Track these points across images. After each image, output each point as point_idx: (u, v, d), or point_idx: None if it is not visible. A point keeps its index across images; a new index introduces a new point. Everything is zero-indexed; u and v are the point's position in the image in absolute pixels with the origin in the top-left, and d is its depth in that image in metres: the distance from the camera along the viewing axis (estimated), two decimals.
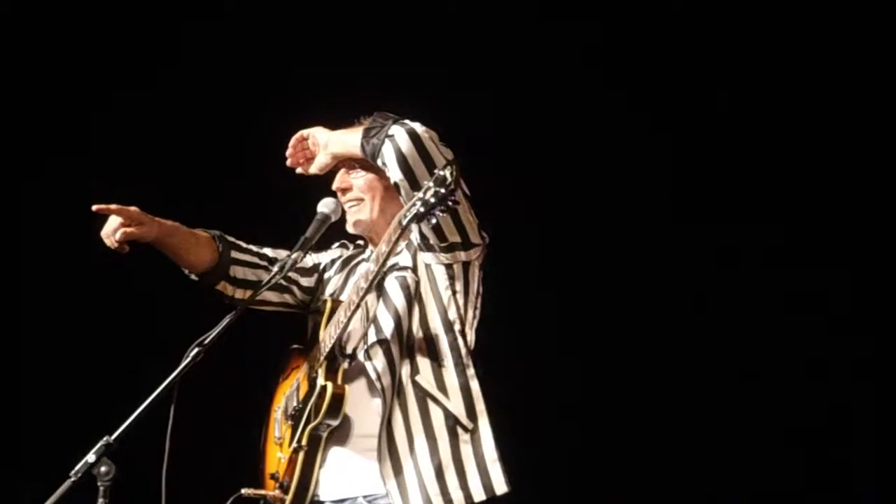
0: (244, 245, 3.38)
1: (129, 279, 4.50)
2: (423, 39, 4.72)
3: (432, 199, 2.86)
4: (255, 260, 3.36)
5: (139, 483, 2.93)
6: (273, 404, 3.32)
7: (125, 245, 3.17)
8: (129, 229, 3.15)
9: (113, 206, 3.16)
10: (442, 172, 2.88)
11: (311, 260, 3.39)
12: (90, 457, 2.77)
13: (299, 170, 3.36)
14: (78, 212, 3.22)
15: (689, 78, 4.71)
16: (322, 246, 3.38)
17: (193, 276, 3.34)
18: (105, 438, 2.80)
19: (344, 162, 3.29)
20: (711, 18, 4.67)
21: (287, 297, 3.38)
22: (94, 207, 3.16)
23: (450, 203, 2.86)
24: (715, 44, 4.68)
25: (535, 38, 4.75)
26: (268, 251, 3.40)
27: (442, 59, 4.69)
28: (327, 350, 3.11)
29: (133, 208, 3.18)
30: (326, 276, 3.41)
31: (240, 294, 3.33)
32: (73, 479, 2.76)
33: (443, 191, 2.85)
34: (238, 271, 3.34)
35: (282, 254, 3.39)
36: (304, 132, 3.34)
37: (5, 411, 4.75)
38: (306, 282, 3.39)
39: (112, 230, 3.17)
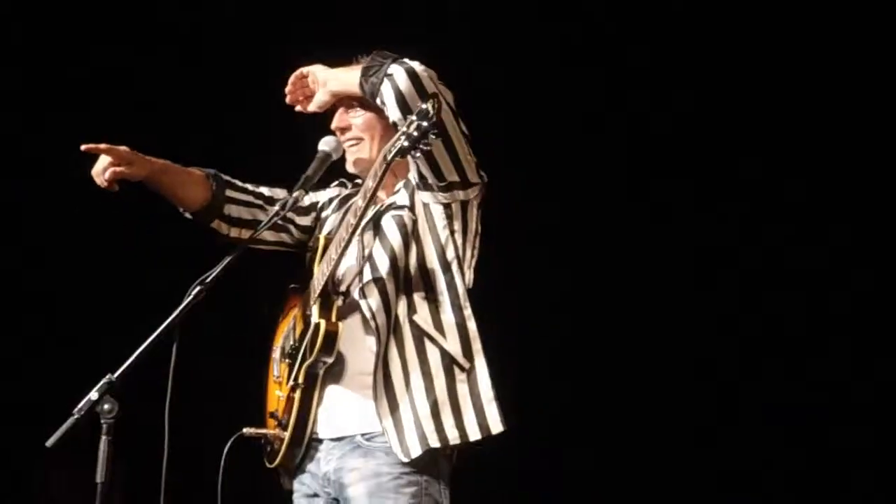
0: (240, 184, 3.39)
1: (126, 221, 4.53)
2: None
3: (415, 133, 2.86)
4: (251, 199, 3.38)
5: (142, 421, 2.96)
6: (273, 344, 3.35)
7: (115, 184, 3.18)
8: (118, 168, 3.17)
9: (102, 146, 3.17)
10: (424, 105, 2.87)
11: (308, 199, 3.40)
12: (93, 394, 2.82)
13: (298, 107, 3.36)
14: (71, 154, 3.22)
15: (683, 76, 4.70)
16: (320, 185, 3.38)
17: (187, 215, 3.36)
18: (107, 376, 2.83)
19: (343, 100, 3.28)
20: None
21: (284, 237, 3.40)
22: (83, 147, 3.16)
23: (432, 136, 2.86)
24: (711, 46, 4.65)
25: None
26: (264, 190, 3.41)
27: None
28: (320, 287, 3.12)
29: (122, 147, 3.19)
30: (324, 214, 3.42)
31: (235, 233, 3.35)
32: (76, 416, 2.80)
33: (425, 124, 2.85)
34: (233, 210, 3.35)
35: (278, 192, 3.40)
36: (304, 69, 3.33)
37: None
38: (303, 221, 3.40)
39: (102, 169, 3.18)
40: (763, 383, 4.72)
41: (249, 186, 3.40)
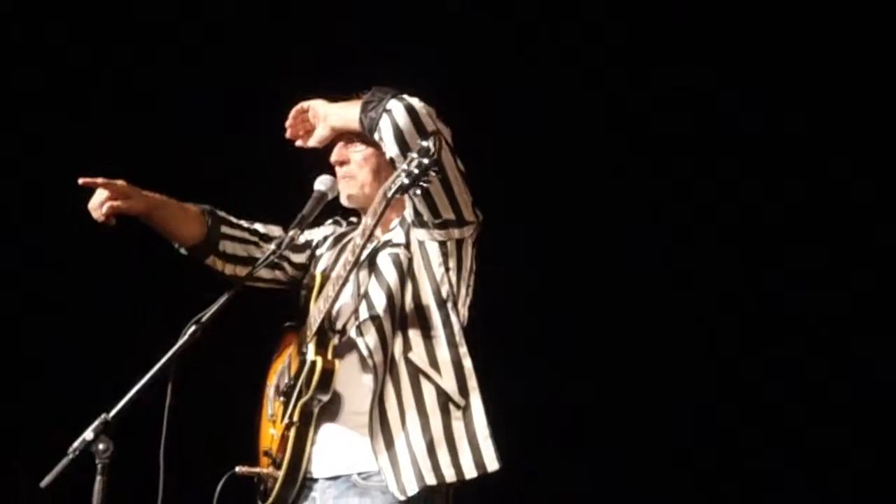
0: (234, 220, 3.39)
1: (124, 256, 4.53)
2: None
3: (416, 170, 2.88)
4: (246, 235, 3.37)
5: (137, 460, 2.95)
6: (266, 381, 3.34)
7: (112, 218, 3.18)
8: (115, 203, 3.16)
9: (99, 180, 3.17)
10: (425, 143, 2.88)
11: (303, 237, 3.40)
12: (88, 434, 2.80)
13: (298, 142, 3.37)
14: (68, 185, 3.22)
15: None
16: (315, 223, 3.38)
17: (183, 251, 3.35)
18: (102, 416, 2.82)
19: (343, 135, 3.28)
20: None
21: (278, 274, 3.39)
22: (81, 181, 3.17)
23: (433, 174, 2.86)
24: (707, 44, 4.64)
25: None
26: (259, 227, 3.41)
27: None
28: (317, 325, 3.12)
29: (120, 182, 3.19)
30: (318, 252, 3.42)
31: (230, 269, 3.35)
32: (71, 455, 2.79)
33: (426, 161, 2.87)
34: (228, 246, 3.35)
35: (273, 229, 3.40)
36: (304, 104, 3.34)
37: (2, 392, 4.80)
38: (298, 258, 3.40)
39: (99, 203, 3.18)
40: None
41: (244, 223, 3.40)
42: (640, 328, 4.67)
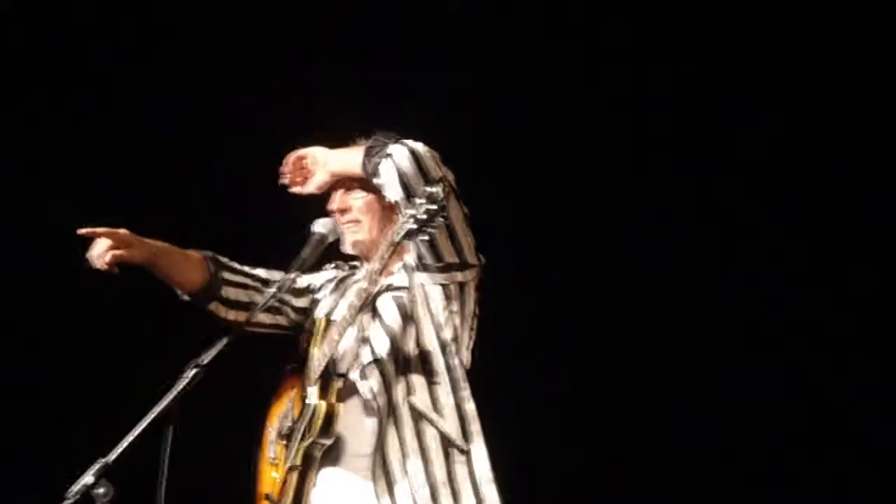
0: (237, 266, 3.38)
1: (122, 295, 4.49)
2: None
3: (423, 216, 2.90)
4: (248, 281, 3.36)
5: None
6: (267, 425, 3.32)
7: (115, 267, 3.16)
8: (117, 252, 3.16)
9: (100, 230, 3.16)
10: (432, 189, 2.89)
11: (304, 281, 3.39)
12: (88, 478, 2.75)
13: (296, 189, 3.36)
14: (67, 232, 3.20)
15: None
16: (315, 267, 3.37)
17: (185, 297, 3.34)
18: (102, 459, 2.78)
19: (342, 182, 3.29)
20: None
21: (280, 319, 3.38)
22: (81, 231, 3.17)
23: (440, 219, 2.87)
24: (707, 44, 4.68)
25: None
26: (261, 272, 3.40)
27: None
28: (321, 369, 3.11)
29: (122, 230, 3.18)
30: (320, 296, 3.41)
31: (232, 315, 3.33)
32: (70, 500, 2.74)
33: (434, 207, 2.89)
34: (230, 292, 3.33)
35: (275, 275, 3.39)
36: (302, 151, 3.34)
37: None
38: (299, 303, 3.39)
39: (101, 253, 3.16)
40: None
41: (246, 269, 3.39)
42: (645, 368, 4.67)
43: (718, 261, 4.70)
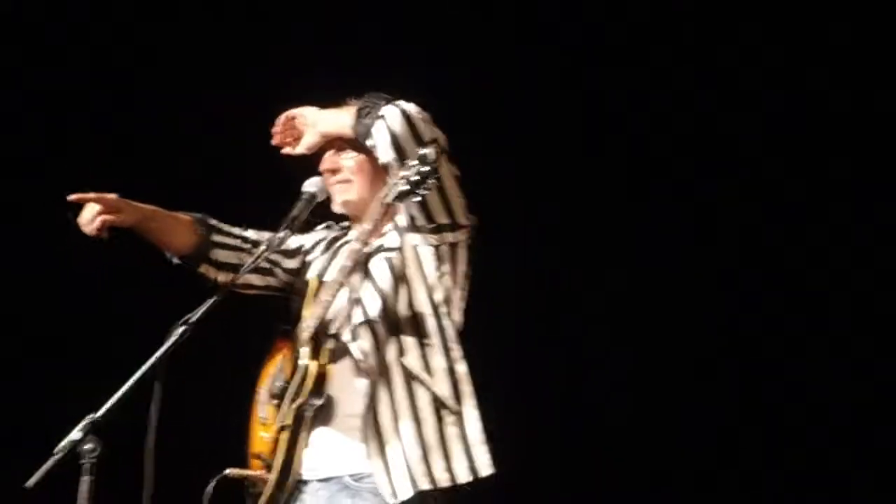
0: (226, 228, 3.34)
1: (117, 253, 4.45)
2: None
3: (415, 178, 2.86)
4: (238, 243, 3.32)
5: (124, 461, 2.88)
6: (258, 384, 3.28)
7: (104, 232, 3.12)
8: (107, 217, 3.11)
9: (90, 195, 3.12)
10: (425, 151, 2.86)
11: (295, 242, 3.34)
12: (75, 434, 2.74)
13: (286, 149, 3.31)
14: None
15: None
16: (306, 228, 3.33)
17: (175, 260, 3.31)
18: (90, 415, 2.76)
19: (332, 143, 3.24)
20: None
21: (270, 280, 3.34)
22: (71, 197, 3.12)
23: (432, 181, 2.84)
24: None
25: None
26: (251, 234, 3.36)
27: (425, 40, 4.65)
28: (312, 330, 3.07)
29: (111, 195, 3.14)
30: (311, 257, 3.36)
31: (223, 277, 3.29)
32: (57, 455, 2.72)
33: (426, 169, 2.85)
34: (220, 254, 3.30)
35: (265, 235, 3.34)
36: (292, 112, 3.29)
37: None
38: (290, 264, 3.34)
39: (90, 218, 3.12)
40: None
41: (236, 230, 3.35)
42: (643, 329, 4.63)
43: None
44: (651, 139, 4.71)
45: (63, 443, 2.72)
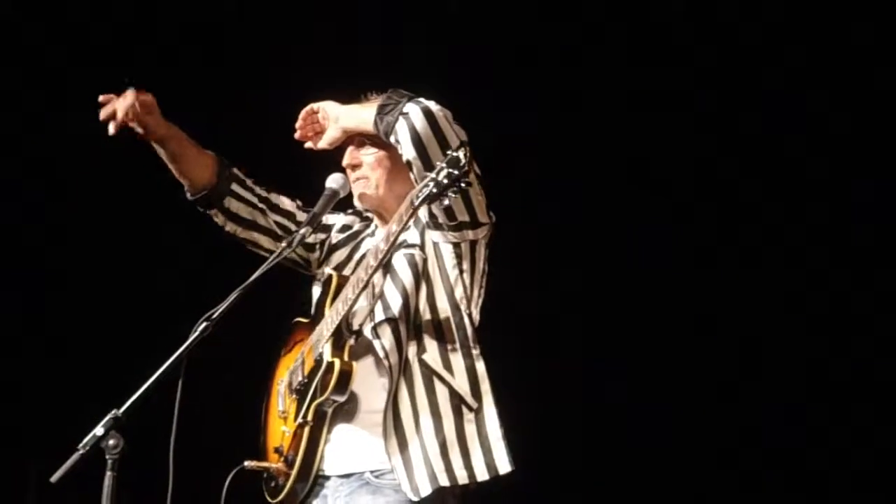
0: (249, 182, 3.33)
1: (135, 254, 4.44)
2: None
3: (445, 181, 2.82)
4: (254, 200, 3.31)
5: (146, 456, 2.87)
6: (275, 377, 3.27)
7: (124, 127, 3.09)
8: (139, 114, 3.09)
9: (130, 92, 3.09)
10: (456, 154, 2.83)
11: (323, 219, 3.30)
12: (98, 430, 2.72)
13: (308, 144, 3.29)
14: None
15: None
16: (334, 209, 3.29)
17: (189, 195, 3.29)
18: (113, 411, 2.74)
19: (353, 138, 3.22)
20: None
21: (281, 246, 3.21)
22: (102, 98, 3.10)
23: (462, 185, 2.81)
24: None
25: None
26: (272, 196, 3.34)
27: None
28: (334, 326, 3.05)
29: (149, 96, 3.12)
30: (333, 239, 3.34)
31: (230, 227, 3.30)
32: (81, 451, 2.70)
33: (456, 172, 2.81)
34: (233, 205, 3.29)
35: (284, 201, 3.34)
36: (315, 105, 3.27)
37: (10, 389, 4.67)
38: (309, 238, 3.27)
39: (124, 108, 3.08)
40: None
41: (257, 188, 3.33)
42: (652, 330, 4.61)
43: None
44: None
45: (86, 438, 2.70)
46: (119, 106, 3.10)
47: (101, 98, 3.12)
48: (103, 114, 3.12)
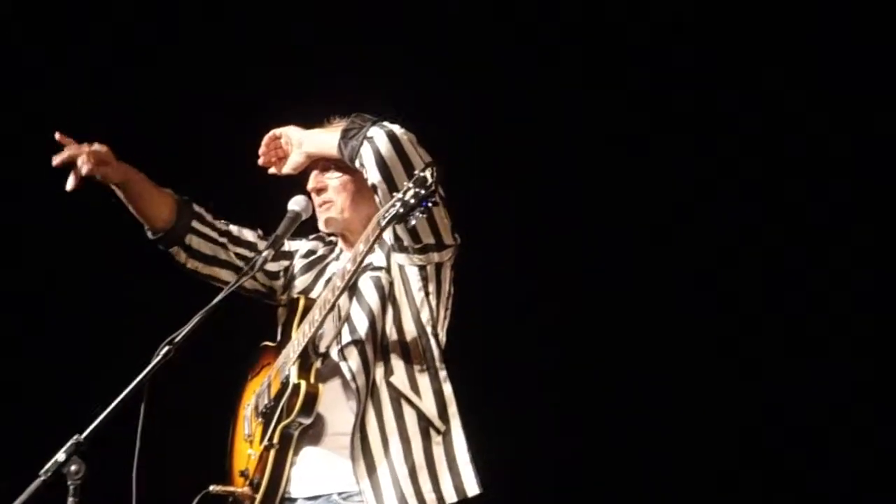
0: (209, 218, 3.25)
1: (97, 277, 4.35)
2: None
3: (412, 200, 2.77)
4: (215, 235, 3.24)
5: (109, 481, 2.79)
6: (242, 401, 3.18)
7: (82, 182, 3.04)
8: (95, 167, 3.04)
9: (83, 146, 3.05)
10: (422, 174, 2.78)
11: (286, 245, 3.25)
12: (60, 455, 2.64)
13: (272, 169, 3.23)
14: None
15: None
16: (296, 235, 3.24)
17: (150, 234, 3.23)
18: (75, 437, 2.66)
19: (317, 162, 3.15)
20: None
21: (245, 282, 3.18)
22: (58, 136, 3.05)
23: (429, 204, 2.77)
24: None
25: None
26: (232, 228, 3.28)
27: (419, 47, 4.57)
28: (301, 348, 2.97)
29: (103, 147, 3.08)
30: (296, 265, 3.27)
31: (192, 264, 3.23)
32: (42, 477, 2.62)
33: (423, 192, 2.76)
34: (195, 241, 3.21)
35: (245, 233, 3.28)
36: (277, 131, 3.20)
37: None
38: (271, 267, 3.23)
39: (81, 161, 3.02)
40: None
41: (217, 223, 3.26)
42: (627, 346, 4.56)
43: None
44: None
45: (48, 465, 2.61)
46: (78, 159, 3.04)
47: (57, 136, 3.05)
48: (58, 160, 3.05)
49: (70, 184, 3.06)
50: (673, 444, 4.47)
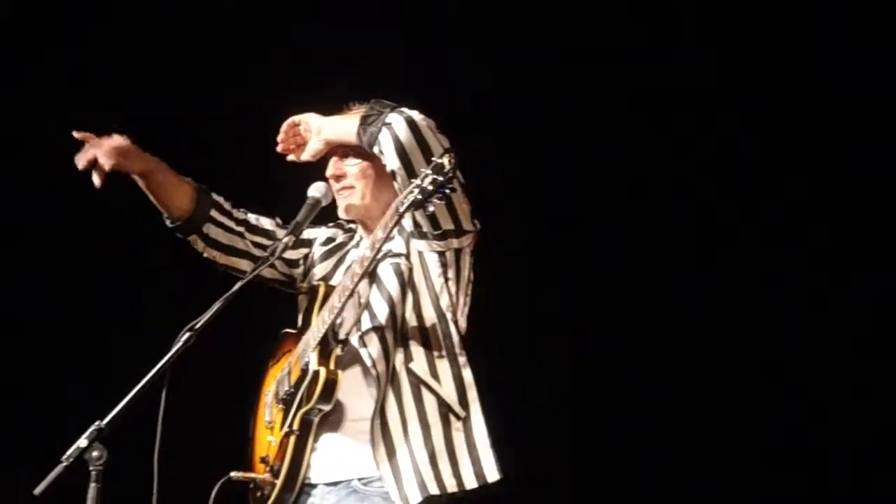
0: (227, 207, 3.24)
1: (122, 263, 4.34)
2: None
3: (430, 187, 2.73)
4: (232, 225, 3.22)
5: (131, 467, 2.78)
6: (263, 388, 3.16)
7: (104, 175, 3.02)
8: (115, 160, 3.03)
9: (103, 139, 3.04)
10: (440, 160, 2.74)
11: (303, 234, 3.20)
12: (82, 441, 2.63)
13: (291, 156, 3.19)
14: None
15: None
16: (316, 222, 3.21)
17: (168, 222, 3.21)
18: (97, 423, 2.65)
19: (336, 149, 3.12)
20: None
21: (264, 271, 3.17)
22: (77, 134, 3.03)
23: (447, 191, 2.73)
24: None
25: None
26: (250, 217, 3.26)
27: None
28: (321, 335, 2.95)
29: (123, 139, 3.07)
30: (315, 252, 3.24)
31: (209, 253, 3.21)
32: (64, 463, 2.61)
33: (441, 178, 2.73)
34: (212, 230, 3.20)
35: (263, 221, 3.26)
36: (296, 118, 3.17)
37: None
38: (290, 255, 3.20)
39: (98, 156, 3.02)
40: None
41: (236, 212, 3.24)
42: (642, 337, 4.52)
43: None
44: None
45: (70, 451, 2.61)
46: (99, 155, 3.02)
47: (76, 134, 3.04)
48: (82, 161, 3.04)
49: (96, 182, 3.05)
50: (688, 432, 4.46)
